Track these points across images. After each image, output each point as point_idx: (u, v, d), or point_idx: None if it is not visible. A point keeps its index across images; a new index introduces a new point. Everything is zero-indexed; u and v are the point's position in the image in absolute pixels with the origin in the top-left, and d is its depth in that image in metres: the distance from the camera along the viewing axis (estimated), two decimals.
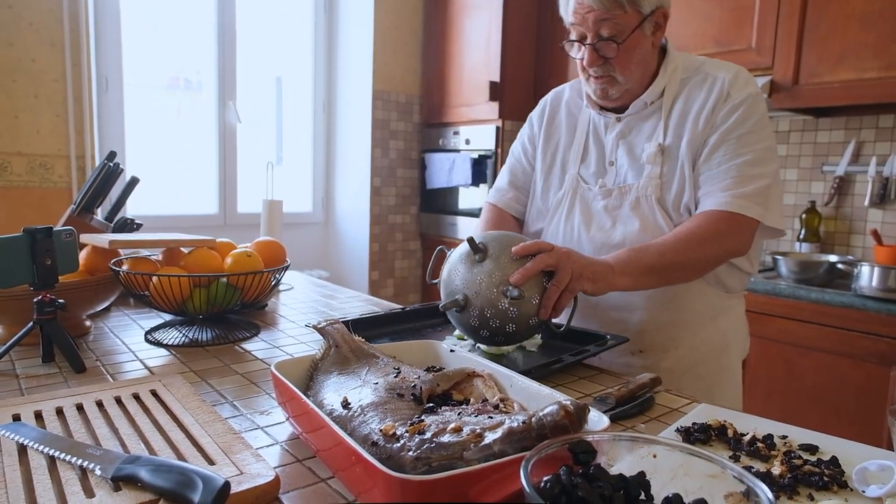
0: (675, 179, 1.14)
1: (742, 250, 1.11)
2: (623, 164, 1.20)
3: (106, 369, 0.98)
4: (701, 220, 1.08)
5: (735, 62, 2.31)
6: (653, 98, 1.17)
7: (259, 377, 0.96)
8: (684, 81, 1.17)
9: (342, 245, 3.59)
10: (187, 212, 3.11)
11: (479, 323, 0.96)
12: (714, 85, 1.13)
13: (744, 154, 1.08)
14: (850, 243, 2.39)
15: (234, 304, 1.17)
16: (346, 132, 3.51)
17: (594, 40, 1.09)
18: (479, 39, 3.10)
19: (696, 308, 1.19)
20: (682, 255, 1.04)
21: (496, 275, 0.95)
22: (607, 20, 1.07)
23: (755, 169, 1.08)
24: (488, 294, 0.94)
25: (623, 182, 1.19)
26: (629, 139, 1.19)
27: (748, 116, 1.10)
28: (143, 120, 2.95)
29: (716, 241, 1.06)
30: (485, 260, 0.96)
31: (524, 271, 0.93)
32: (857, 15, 2.00)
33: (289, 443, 0.73)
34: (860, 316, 1.82)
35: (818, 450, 0.71)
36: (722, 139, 1.09)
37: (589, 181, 1.24)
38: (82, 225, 1.37)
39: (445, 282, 1.01)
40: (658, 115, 1.17)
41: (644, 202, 1.15)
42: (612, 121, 1.22)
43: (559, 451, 0.50)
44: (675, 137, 1.14)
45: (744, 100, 1.10)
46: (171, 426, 0.71)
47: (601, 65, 1.12)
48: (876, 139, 2.30)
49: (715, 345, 1.22)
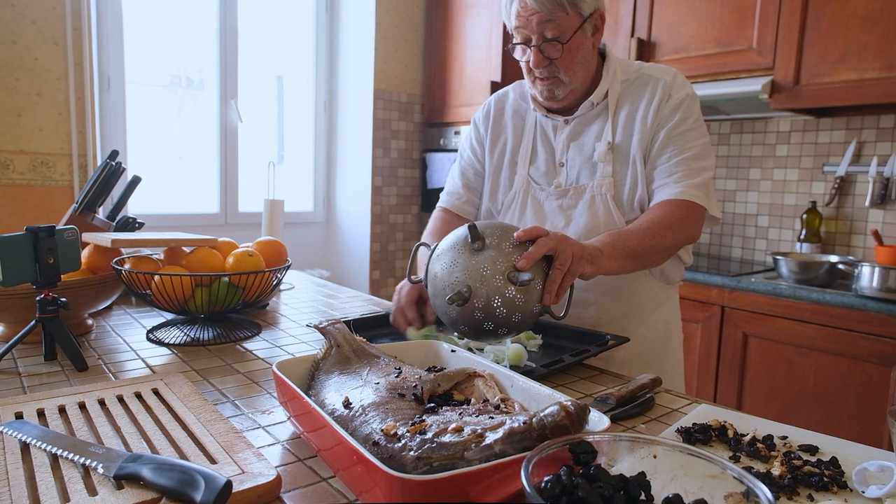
0: (627, 176, 1.20)
1: (696, 236, 1.18)
2: (574, 164, 1.24)
3: (108, 368, 0.98)
4: (664, 208, 1.13)
5: (736, 62, 2.33)
6: (598, 99, 1.22)
7: (260, 376, 0.96)
8: (625, 83, 1.23)
9: (343, 244, 3.59)
10: (189, 211, 3.12)
11: (483, 315, 0.92)
12: (657, 86, 1.19)
13: (690, 149, 1.16)
14: (851, 244, 2.39)
15: (235, 303, 1.17)
16: (347, 131, 3.51)
17: (539, 42, 1.14)
18: (480, 39, 3.10)
19: (642, 300, 1.27)
20: (657, 240, 1.09)
21: (500, 262, 0.91)
22: (550, 21, 1.11)
23: (699, 163, 1.16)
24: (494, 282, 0.90)
25: (576, 182, 1.24)
26: (580, 141, 1.24)
27: (689, 115, 1.18)
28: (145, 118, 2.96)
29: (680, 228, 1.13)
30: (484, 249, 0.93)
31: (529, 255, 0.91)
32: (858, 15, 2.00)
33: (290, 442, 0.73)
34: (861, 316, 1.82)
35: (818, 450, 0.71)
36: (669, 135, 1.16)
37: (540, 181, 1.28)
38: (84, 224, 1.37)
39: (441, 275, 0.96)
40: (604, 115, 1.22)
41: (599, 200, 1.21)
42: (560, 123, 1.26)
43: (560, 452, 0.50)
44: (625, 136, 1.20)
45: (683, 99, 1.18)
46: (172, 425, 0.71)
47: (546, 66, 1.16)
48: (877, 139, 2.30)
49: (659, 333, 1.30)
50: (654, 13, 2.50)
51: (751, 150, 2.64)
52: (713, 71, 2.31)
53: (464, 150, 1.42)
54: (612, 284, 1.24)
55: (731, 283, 2.12)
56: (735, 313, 2.12)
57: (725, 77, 2.31)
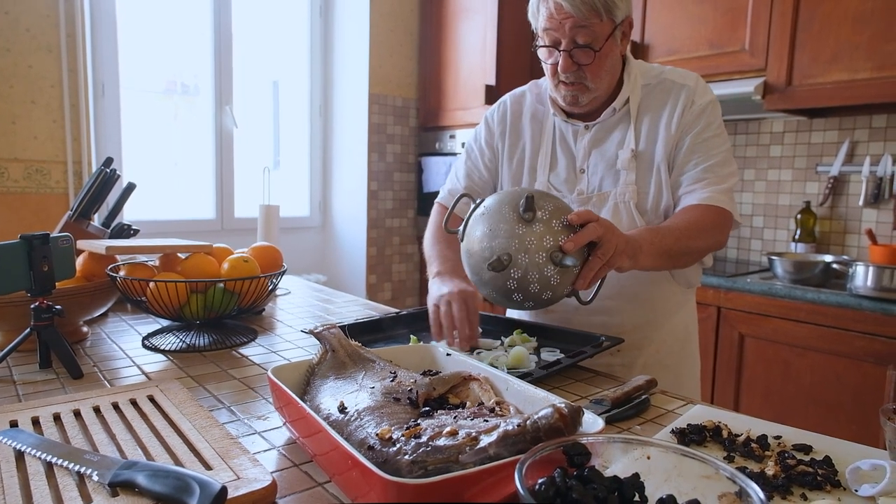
0: (651, 184, 1.18)
1: (724, 242, 1.17)
2: (597, 171, 1.22)
3: (103, 375, 0.98)
4: (697, 211, 1.12)
5: (729, 64, 2.34)
6: (619, 105, 1.20)
7: (256, 382, 0.96)
8: (646, 88, 1.20)
9: (339, 249, 3.59)
10: (185, 217, 3.11)
11: (516, 286, 0.91)
12: (680, 92, 1.18)
13: (715, 156, 1.15)
14: (846, 243, 2.40)
15: (231, 309, 1.17)
16: (342, 136, 3.52)
17: (569, 47, 1.10)
18: (474, 43, 3.11)
19: (665, 306, 1.27)
20: (692, 241, 1.08)
21: (547, 239, 0.90)
22: (584, 28, 1.08)
23: (725, 169, 1.15)
24: (536, 258, 0.89)
25: (598, 189, 1.22)
26: (602, 147, 1.22)
27: (713, 120, 1.17)
28: (140, 125, 2.95)
29: (712, 232, 1.12)
30: (533, 220, 0.91)
31: (576, 239, 0.90)
32: (849, 15, 2.01)
33: (286, 447, 0.73)
34: (856, 316, 1.83)
35: (812, 450, 0.71)
36: (694, 142, 1.15)
37: (561, 189, 1.25)
38: (79, 231, 1.37)
39: (482, 235, 0.93)
40: (626, 121, 1.20)
41: (622, 208, 1.19)
42: (580, 128, 1.23)
43: (554, 454, 0.51)
44: (648, 143, 1.18)
45: (706, 105, 1.17)
46: (168, 431, 0.71)
47: (574, 71, 1.12)
48: (869, 139, 2.31)
49: (679, 336, 1.30)
50: (647, 16, 2.52)
51: (745, 150, 2.65)
52: (706, 73, 2.32)
53: (471, 150, 1.37)
54: (638, 291, 1.22)
55: (727, 284, 2.13)
56: (731, 314, 2.12)
57: (719, 79, 2.32)
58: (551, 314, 1.27)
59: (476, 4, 3.08)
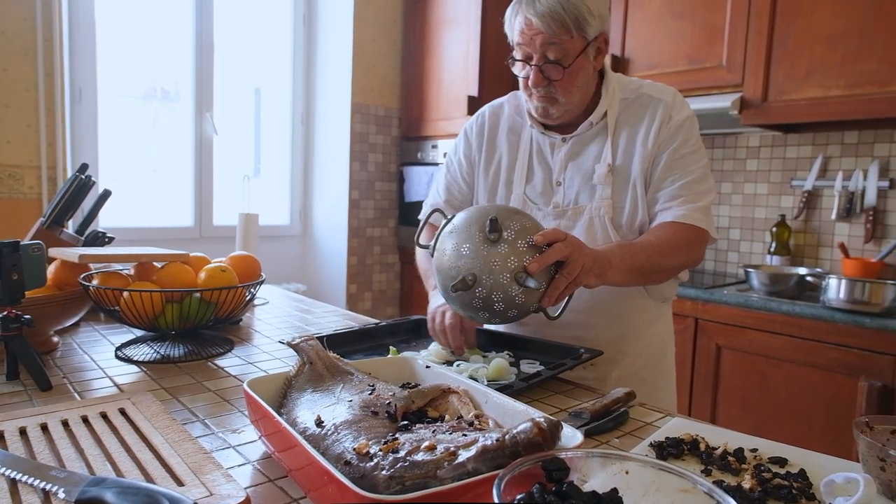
0: (626, 199, 1.18)
1: (699, 260, 1.18)
2: (573, 184, 1.22)
3: (73, 387, 0.95)
4: (671, 229, 1.13)
5: (707, 79, 2.38)
6: (597, 119, 1.21)
7: (232, 394, 0.94)
8: (623, 102, 1.21)
9: (320, 258, 3.57)
10: (161, 224, 3.07)
11: (481, 304, 0.93)
12: (657, 107, 1.18)
13: (692, 172, 1.15)
14: (819, 256, 2.45)
15: (207, 319, 1.15)
16: (324, 145, 3.50)
17: (540, 62, 1.12)
18: (457, 53, 3.12)
19: (638, 320, 1.26)
20: (664, 258, 1.09)
21: (512, 260, 0.91)
22: (554, 44, 1.09)
23: (702, 185, 1.16)
24: (500, 278, 0.91)
25: (574, 202, 1.22)
26: (578, 160, 1.22)
27: (690, 137, 1.17)
28: (118, 130, 2.91)
29: (685, 250, 1.13)
30: (499, 241, 0.92)
31: (541, 260, 0.91)
32: (822, 35, 2.06)
33: (261, 462, 0.72)
34: (829, 328, 1.86)
35: (787, 462, 0.72)
36: (671, 158, 1.16)
37: (537, 201, 1.25)
38: (52, 238, 1.34)
39: (449, 254, 0.95)
40: (603, 135, 1.21)
41: (598, 222, 1.19)
42: (557, 141, 1.24)
43: (532, 469, 0.50)
44: (625, 158, 1.19)
45: (684, 121, 1.17)
46: (139, 446, 0.69)
47: (545, 86, 1.14)
48: (842, 154, 2.37)
49: (654, 350, 1.30)
50: (627, 30, 2.55)
51: (722, 164, 2.70)
52: (685, 87, 2.36)
53: (451, 163, 1.38)
54: (610, 306, 1.22)
55: (704, 296, 2.15)
56: (708, 325, 2.15)
57: (697, 93, 2.36)
58: (526, 327, 1.27)
59: (459, 15, 3.10)
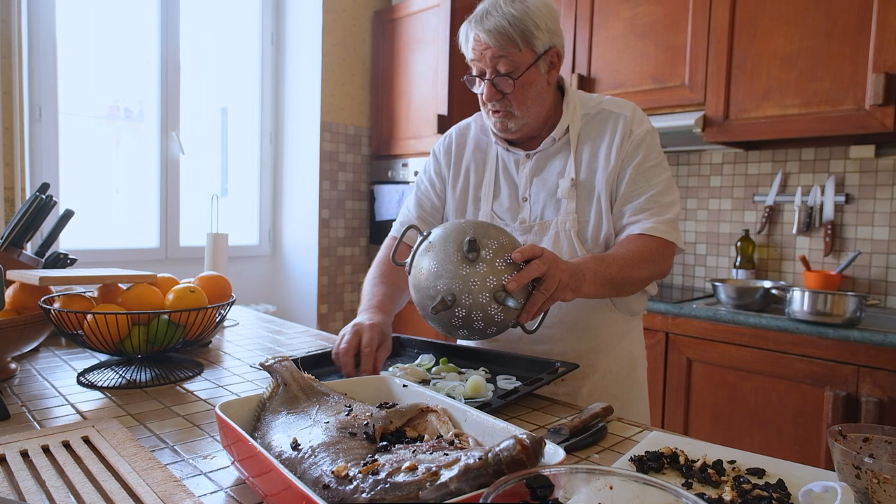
0: (591, 213, 1.21)
1: (668, 272, 1.20)
2: (538, 200, 1.24)
3: (33, 415, 0.91)
4: (640, 241, 1.15)
5: (671, 98, 2.44)
6: (559, 135, 1.23)
7: (202, 419, 0.91)
8: (585, 118, 1.24)
9: (290, 278, 3.52)
10: (126, 245, 2.99)
11: (461, 323, 0.94)
12: (618, 122, 1.21)
13: (656, 185, 1.18)
14: (782, 269, 2.52)
15: (175, 342, 1.12)
16: (293, 164, 3.47)
17: (492, 76, 1.16)
18: (426, 73, 3.15)
19: (607, 334, 1.27)
20: (635, 270, 1.11)
21: (491, 279, 0.91)
22: (503, 57, 1.13)
23: (667, 198, 1.18)
24: (479, 298, 0.91)
25: (540, 217, 1.24)
26: (542, 176, 1.25)
27: (651, 150, 1.20)
28: (80, 150, 2.84)
29: (654, 262, 1.15)
30: (477, 260, 0.92)
31: (520, 279, 0.92)
32: (777, 55, 2.14)
33: (234, 489, 0.69)
34: (794, 339, 1.91)
35: (765, 473, 0.72)
36: (636, 172, 1.18)
37: (504, 217, 1.28)
38: (10, 260, 1.29)
39: (426, 274, 0.94)
40: (566, 150, 1.24)
41: (563, 237, 1.21)
42: (521, 158, 1.27)
43: (517, 487, 0.49)
44: (589, 172, 1.21)
45: (645, 135, 1.20)
46: (104, 476, 0.66)
47: (500, 99, 1.18)
48: (800, 171, 2.45)
49: (624, 364, 1.30)
50: (592, 51, 2.61)
51: (687, 180, 2.76)
52: (649, 106, 2.42)
53: (421, 181, 1.40)
54: (578, 320, 1.23)
55: (674, 310, 2.19)
56: (679, 339, 2.18)
57: (661, 112, 2.42)
58: (496, 342, 1.29)
59: (428, 35, 3.13)
